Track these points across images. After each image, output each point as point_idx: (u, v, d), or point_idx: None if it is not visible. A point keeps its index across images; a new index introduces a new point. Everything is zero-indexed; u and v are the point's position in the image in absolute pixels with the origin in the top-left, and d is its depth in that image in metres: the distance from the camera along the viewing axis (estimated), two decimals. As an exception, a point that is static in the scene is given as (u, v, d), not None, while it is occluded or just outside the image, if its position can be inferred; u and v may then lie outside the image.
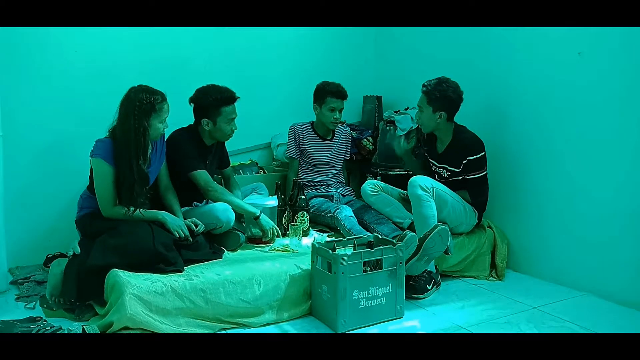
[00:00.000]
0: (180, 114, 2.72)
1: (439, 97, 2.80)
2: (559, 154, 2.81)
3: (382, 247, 2.37)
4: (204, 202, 2.90)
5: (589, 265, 2.69)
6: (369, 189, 3.06)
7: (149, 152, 2.52)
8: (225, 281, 2.29)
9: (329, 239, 2.69)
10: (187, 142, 2.77)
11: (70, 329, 2.11)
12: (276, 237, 2.78)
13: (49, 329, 2.07)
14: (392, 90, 3.90)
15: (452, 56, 3.37)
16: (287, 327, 2.34)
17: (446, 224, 2.67)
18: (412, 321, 2.39)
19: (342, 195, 3.35)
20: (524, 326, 2.33)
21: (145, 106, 2.40)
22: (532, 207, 2.96)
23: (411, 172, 3.19)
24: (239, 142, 3.40)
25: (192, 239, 2.49)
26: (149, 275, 2.24)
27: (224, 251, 2.62)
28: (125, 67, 3.12)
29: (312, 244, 2.44)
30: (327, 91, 3.22)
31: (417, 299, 2.59)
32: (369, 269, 2.33)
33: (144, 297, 2.12)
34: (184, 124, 2.84)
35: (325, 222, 3.12)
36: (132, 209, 2.40)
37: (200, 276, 2.29)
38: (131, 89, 2.46)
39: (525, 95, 2.96)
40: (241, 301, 2.29)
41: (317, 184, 3.36)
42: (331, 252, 2.32)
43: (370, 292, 2.32)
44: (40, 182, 2.96)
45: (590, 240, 2.68)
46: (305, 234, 2.88)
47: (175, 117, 2.62)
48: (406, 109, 3.58)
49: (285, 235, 2.87)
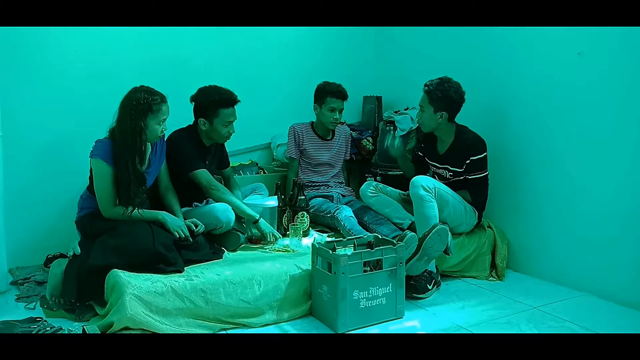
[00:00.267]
0: (180, 114, 2.72)
1: (440, 97, 2.80)
2: (559, 153, 2.81)
3: (382, 247, 2.37)
4: (204, 202, 2.90)
5: (589, 265, 2.69)
6: (367, 190, 3.06)
7: (148, 153, 2.52)
8: (225, 281, 2.29)
9: (329, 239, 2.69)
10: (187, 142, 2.77)
11: (70, 329, 2.11)
12: (276, 239, 2.76)
13: (49, 329, 2.07)
14: (392, 90, 3.90)
15: (452, 56, 3.37)
16: (287, 327, 2.34)
17: (445, 224, 2.67)
18: (412, 321, 2.39)
19: (342, 195, 3.35)
20: (524, 326, 2.33)
21: (142, 106, 2.39)
22: (532, 207, 2.96)
23: (405, 174, 3.18)
24: (239, 142, 3.40)
25: (192, 239, 2.48)
26: (149, 275, 2.24)
27: (224, 251, 2.62)
28: (125, 67, 3.12)
29: (312, 244, 2.44)
30: (327, 91, 3.22)
31: (418, 298, 2.59)
32: (369, 269, 2.33)
33: (144, 298, 2.12)
34: (184, 124, 2.84)
35: (325, 223, 3.12)
36: (130, 209, 2.40)
37: (200, 276, 2.29)
38: (132, 89, 2.45)
39: (525, 95, 2.96)
40: (241, 301, 2.29)
41: (317, 185, 3.36)
42: (331, 252, 2.32)
43: (370, 292, 2.32)
44: (40, 183, 2.96)
45: (590, 240, 2.68)
46: (305, 234, 2.88)
47: (175, 117, 2.62)
48: (406, 109, 3.58)
49: (285, 235, 2.87)
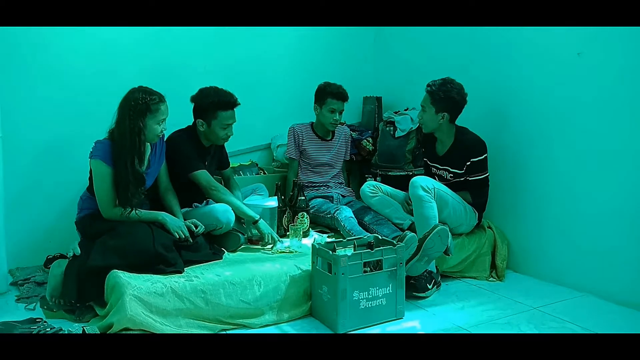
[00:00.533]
0: (180, 114, 2.72)
1: (442, 97, 2.79)
2: (559, 154, 2.80)
3: (382, 247, 2.37)
4: (204, 202, 2.90)
5: (589, 265, 2.69)
6: (368, 190, 3.06)
7: (148, 153, 2.52)
8: (225, 282, 2.29)
9: (329, 240, 2.69)
10: (186, 142, 2.76)
11: (70, 330, 2.11)
12: (274, 242, 2.73)
13: (49, 330, 2.07)
14: (391, 91, 3.90)
15: (452, 57, 3.37)
16: (287, 328, 2.34)
17: (446, 225, 2.67)
18: (412, 322, 2.39)
19: (342, 196, 3.35)
20: (524, 327, 2.33)
21: (140, 106, 2.39)
22: (532, 208, 2.96)
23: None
24: (239, 143, 3.40)
25: (192, 240, 2.48)
26: (149, 276, 2.24)
27: (224, 252, 2.62)
28: (125, 67, 3.12)
29: (312, 244, 2.43)
30: (328, 92, 3.22)
31: (418, 297, 2.59)
32: (369, 269, 2.33)
33: (144, 298, 2.12)
34: (184, 124, 2.84)
35: (325, 223, 3.12)
36: (129, 210, 2.40)
37: (200, 277, 2.29)
38: (130, 90, 2.45)
39: (525, 96, 2.95)
40: (241, 302, 2.29)
41: (317, 185, 3.36)
42: (331, 252, 2.32)
43: (370, 292, 2.32)
44: (40, 183, 2.96)
45: (590, 240, 2.68)
46: (305, 234, 2.88)
47: (175, 117, 2.62)
48: (406, 110, 3.58)
49: (285, 236, 2.87)
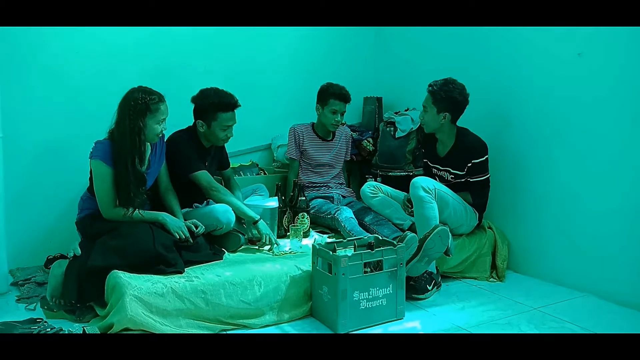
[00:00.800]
0: (180, 114, 2.72)
1: (444, 97, 2.79)
2: (559, 154, 2.81)
3: (382, 248, 2.37)
4: (204, 203, 2.90)
5: (590, 266, 2.69)
6: (368, 191, 3.06)
7: (148, 153, 2.52)
8: (225, 282, 2.29)
9: (330, 240, 2.69)
10: (186, 143, 2.76)
11: (70, 330, 2.12)
12: (271, 243, 2.71)
13: (49, 330, 2.07)
14: (392, 91, 3.90)
15: (453, 57, 3.37)
16: (287, 328, 2.34)
17: (446, 225, 2.67)
18: (412, 322, 2.39)
19: (342, 196, 3.35)
20: (524, 327, 2.33)
21: (140, 106, 2.39)
22: (532, 208, 2.96)
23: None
24: (240, 143, 3.40)
25: (192, 240, 2.48)
26: (150, 276, 2.24)
27: (225, 252, 2.62)
28: (125, 67, 3.12)
29: (313, 245, 2.43)
30: (330, 93, 3.22)
31: (418, 299, 2.59)
32: (369, 270, 2.33)
33: (144, 299, 2.12)
34: (184, 124, 2.83)
35: (325, 224, 3.12)
36: (130, 210, 2.40)
37: (200, 277, 2.29)
38: (129, 90, 2.45)
39: (525, 96, 2.95)
40: (242, 302, 2.29)
41: (318, 185, 3.36)
42: (332, 253, 2.32)
43: (370, 293, 2.32)
44: (40, 183, 2.96)
45: (590, 241, 2.68)
46: (305, 235, 2.88)
47: (175, 118, 2.62)
48: (406, 110, 3.58)
49: (285, 236, 2.86)
